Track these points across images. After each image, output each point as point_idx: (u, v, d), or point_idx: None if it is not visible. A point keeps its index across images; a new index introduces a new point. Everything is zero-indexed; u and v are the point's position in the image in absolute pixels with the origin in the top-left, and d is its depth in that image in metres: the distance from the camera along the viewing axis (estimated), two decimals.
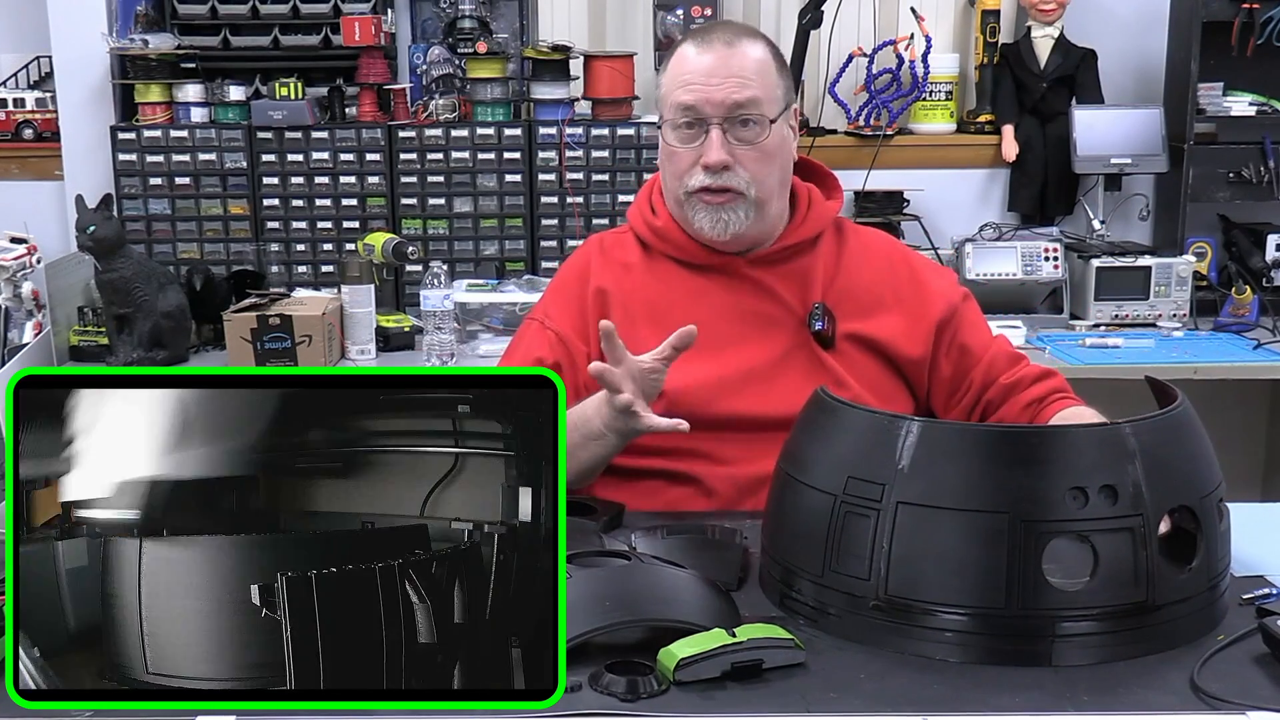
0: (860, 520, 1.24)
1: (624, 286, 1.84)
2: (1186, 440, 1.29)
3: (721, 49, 1.75)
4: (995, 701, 1.14)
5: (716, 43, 1.76)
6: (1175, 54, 3.48)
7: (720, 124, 1.74)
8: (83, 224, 2.98)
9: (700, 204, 1.77)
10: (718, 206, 1.77)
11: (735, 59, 1.75)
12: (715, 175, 1.75)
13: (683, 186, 1.78)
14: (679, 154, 1.77)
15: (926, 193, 3.55)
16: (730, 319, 1.81)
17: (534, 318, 1.89)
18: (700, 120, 1.75)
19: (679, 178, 1.78)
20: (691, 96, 1.74)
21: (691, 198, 1.77)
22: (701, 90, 1.74)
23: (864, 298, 1.84)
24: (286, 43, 3.43)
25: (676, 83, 1.77)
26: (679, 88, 1.76)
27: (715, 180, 1.75)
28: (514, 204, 3.40)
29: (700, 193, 1.76)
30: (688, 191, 1.77)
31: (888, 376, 1.83)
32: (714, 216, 1.77)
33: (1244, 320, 3.26)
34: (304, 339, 3.00)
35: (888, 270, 1.88)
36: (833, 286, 1.83)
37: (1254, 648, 1.22)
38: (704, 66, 1.75)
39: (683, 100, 1.75)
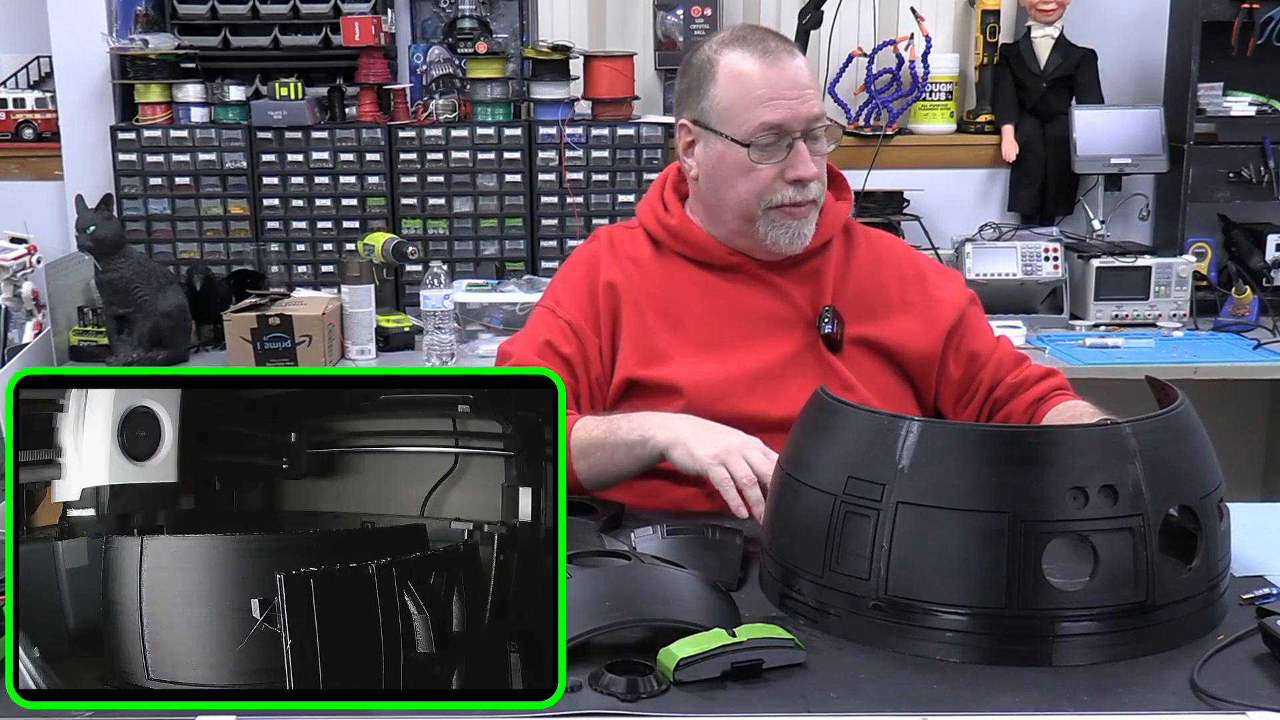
0: (860, 520, 1.24)
1: (634, 281, 1.84)
2: (1187, 440, 1.29)
3: (788, 60, 1.75)
4: (995, 701, 1.14)
5: (782, 55, 1.75)
6: (1175, 54, 3.48)
7: (803, 137, 1.74)
8: (83, 224, 2.98)
9: (781, 218, 1.76)
10: (800, 221, 1.77)
11: (802, 71, 1.75)
12: (803, 189, 1.75)
13: (765, 202, 1.76)
14: (761, 170, 1.75)
15: (926, 193, 3.55)
16: (741, 319, 1.81)
17: (545, 305, 1.87)
18: (784, 135, 1.73)
19: (758, 194, 1.76)
20: (779, 114, 1.72)
21: (771, 212, 1.76)
22: (785, 106, 1.72)
23: (873, 301, 1.84)
24: (286, 43, 3.43)
25: (752, 100, 1.73)
26: (757, 106, 1.73)
27: (803, 195, 1.75)
28: (514, 204, 3.40)
29: (786, 207, 1.76)
30: (770, 206, 1.76)
31: (895, 380, 1.83)
32: (795, 230, 1.77)
33: (1244, 320, 3.26)
34: (304, 339, 3.00)
35: (896, 274, 1.88)
36: (843, 289, 1.84)
37: (1254, 648, 1.22)
38: (779, 81, 1.73)
39: (768, 119, 1.72)
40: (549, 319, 1.84)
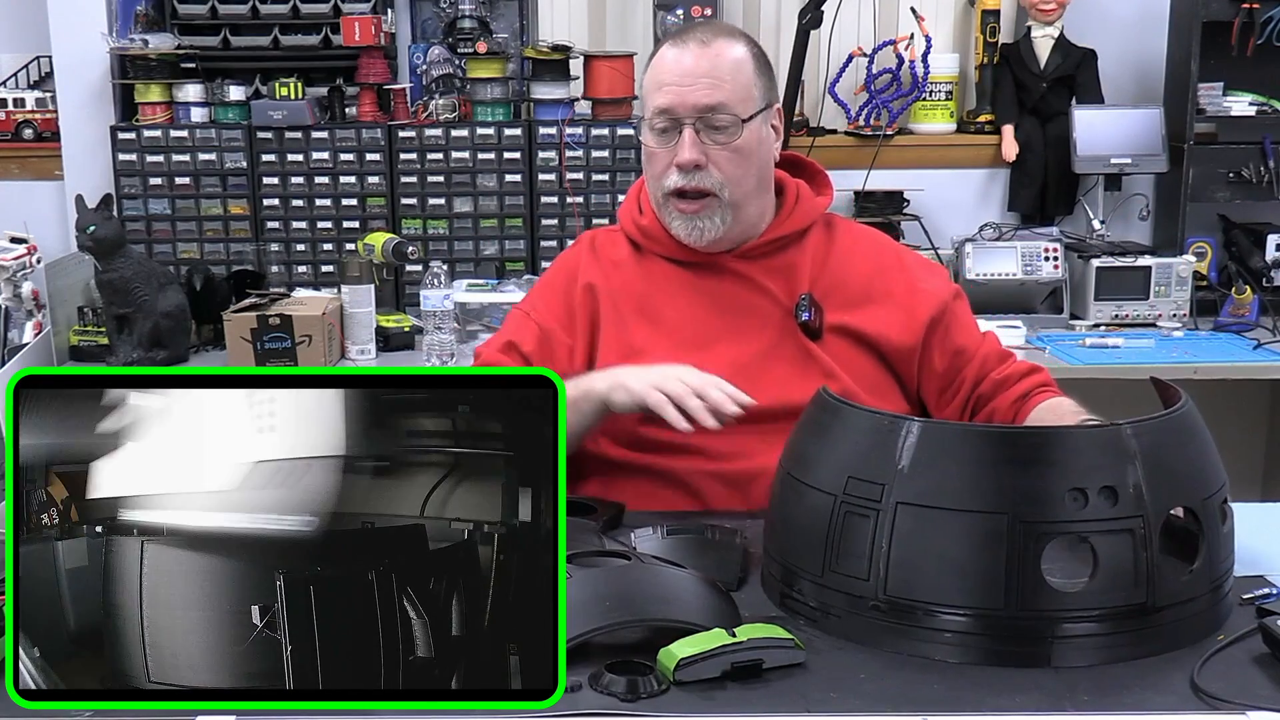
0: (860, 520, 1.24)
1: (613, 283, 1.86)
2: (1188, 441, 1.28)
3: (695, 49, 1.76)
4: (995, 702, 1.14)
5: (692, 43, 1.77)
6: (1175, 54, 3.48)
7: (693, 124, 1.75)
8: (83, 224, 2.98)
9: (675, 211, 1.79)
10: (692, 215, 1.78)
11: (708, 59, 1.75)
12: (688, 175, 1.76)
13: (660, 188, 1.79)
14: (656, 155, 1.79)
15: (926, 193, 3.55)
16: (717, 313, 1.82)
17: (520, 308, 1.93)
18: (676, 121, 1.76)
19: (657, 179, 1.79)
20: (666, 99, 1.75)
21: (668, 201, 1.79)
22: (676, 92, 1.75)
23: (852, 291, 1.84)
24: (286, 43, 3.43)
25: (654, 84, 1.79)
26: (656, 90, 1.77)
27: (689, 181, 1.76)
28: (514, 204, 3.40)
29: (674, 197, 1.78)
30: (665, 193, 1.79)
31: (877, 369, 1.83)
32: (689, 225, 1.79)
33: (1244, 320, 3.26)
34: (304, 339, 3.00)
35: (876, 264, 1.88)
36: (820, 279, 1.84)
37: (1254, 648, 1.22)
38: (679, 67, 1.76)
39: (659, 103, 1.76)
40: (521, 320, 1.90)
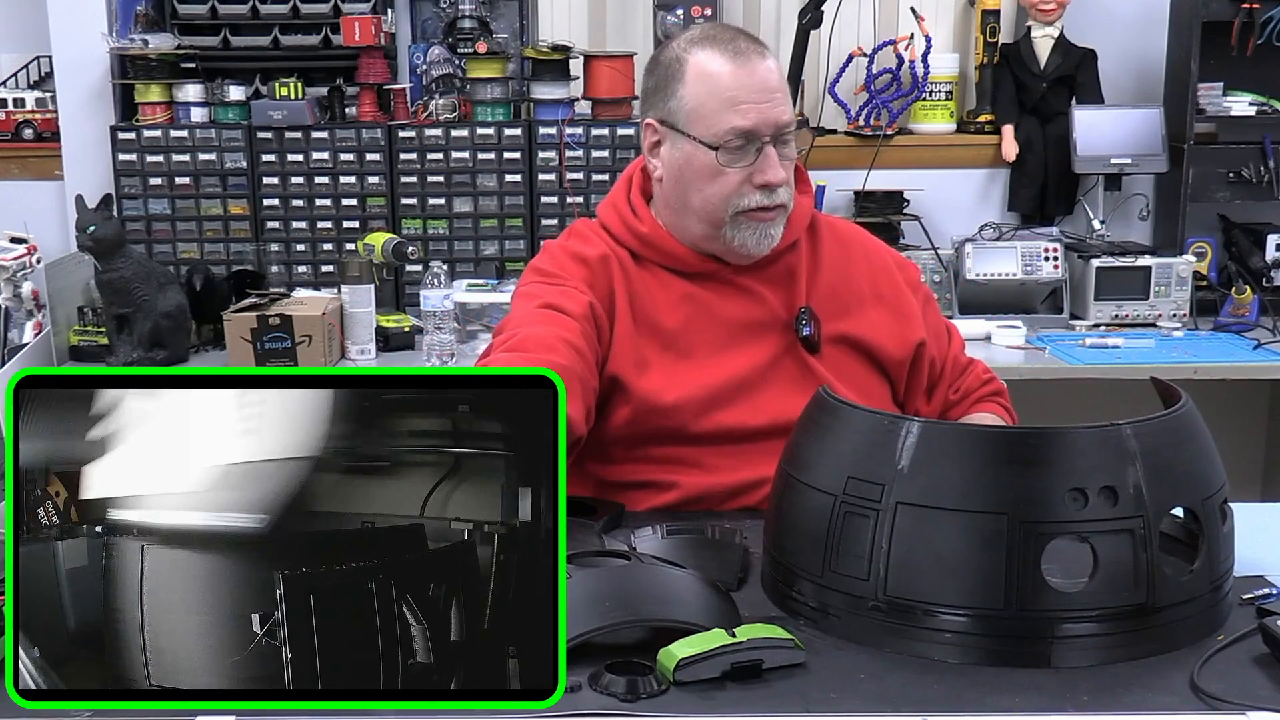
0: (860, 520, 1.24)
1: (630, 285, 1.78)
2: (1189, 441, 1.28)
3: (759, 62, 1.70)
4: (995, 702, 1.14)
5: (752, 56, 1.71)
6: (1175, 54, 3.48)
7: (772, 142, 1.70)
8: (83, 224, 2.98)
9: (748, 221, 1.72)
10: (767, 224, 1.73)
11: (773, 74, 1.71)
12: (771, 194, 1.71)
13: (733, 207, 1.72)
14: (729, 174, 1.71)
15: (926, 193, 3.55)
16: (718, 328, 1.77)
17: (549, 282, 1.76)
18: (752, 139, 1.70)
19: (725, 198, 1.71)
20: (748, 121, 1.68)
21: (739, 216, 1.72)
22: (755, 111, 1.68)
23: (845, 296, 1.83)
24: (286, 43, 3.43)
25: (724, 103, 1.69)
26: (727, 110, 1.69)
27: (771, 199, 1.71)
28: (514, 204, 3.40)
29: (753, 212, 1.72)
30: (738, 211, 1.72)
31: (871, 375, 1.82)
32: (762, 232, 1.73)
33: (1244, 320, 3.27)
34: (304, 339, 3.00)
35: (866, 266, 1.87)
36: (815, 287, 1.81)
37: (1254, 648, 1.22)
38: (749, 85, 1.69)
39: (738, 124, 1.68)
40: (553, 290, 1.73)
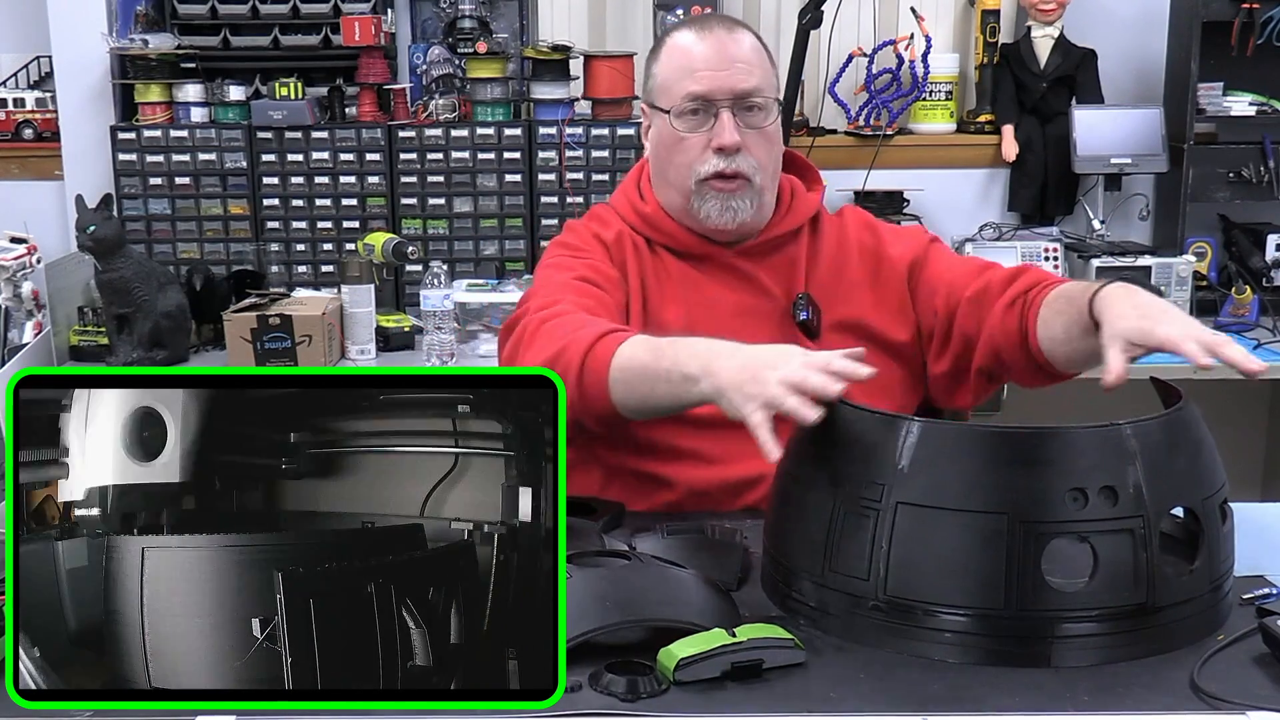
0: (860, 520, 1.25)
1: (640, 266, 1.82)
2: (1189, 441, 1.29)
3: (723, 35, 1.77)
4: (995, 701, 1.14)
5: (717, 29, 1.77)
6: (1175, 54, 3.48)
7: (730, 108, 1.74)
8: (83, 224, 2.98)
9: (710, 191, 1.76)
10: (728, 195, 1.76)
11: (736, 45, 1.76)
12: (728, 159, 1.74)
13: (694, 175, 1.76)
14: (688, 141, 1.76)
15: (926, 193, 3.55)
16: (717, 312, 1.79)
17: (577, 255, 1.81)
18: (709, 106, 1.75)
19: (689, 165, 1.77)
20: (701, 85, 1.74)
21: (702, 186, 1.76)
22: (710, 77, 1.74)
23: (842, 281, 1.84)
24: (286, 43, 3.43)
25: (681, 72, 1.76)
26: (685, 77, 1.76)
27: (728, 164, 1.74)
28: (514, 204, 3.40)
29: (712, 180, 1.75)
30: (700, 179, 1.76)
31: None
32: (723, 204, 1.76)
33: (1244, 320, 3.26)
34: (304, 339, 3.00)
35: (858, 247, 1.87)
36: (814, 275, 1.83)
37: (1254, 648, 1.22)
38: (709, 54, 1.75)
39: (691, 89, 1.75)
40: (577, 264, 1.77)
